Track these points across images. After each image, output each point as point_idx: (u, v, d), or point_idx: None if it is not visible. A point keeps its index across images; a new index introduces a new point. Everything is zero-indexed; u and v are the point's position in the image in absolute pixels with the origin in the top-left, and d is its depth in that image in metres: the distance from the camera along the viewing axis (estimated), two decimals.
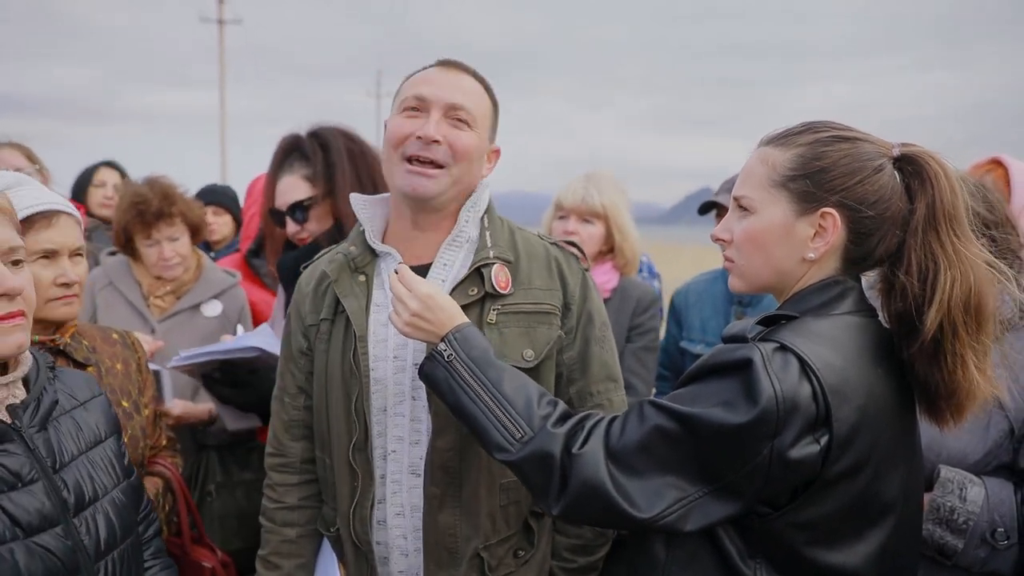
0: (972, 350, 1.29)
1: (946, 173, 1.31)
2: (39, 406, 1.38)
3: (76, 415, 1.47)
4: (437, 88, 1.62)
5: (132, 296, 2.59)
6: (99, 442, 1.49)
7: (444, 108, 1.61)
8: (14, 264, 1.33)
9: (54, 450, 1.37)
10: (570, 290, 1.69)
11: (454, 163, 1.61)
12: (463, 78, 1.66)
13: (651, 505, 1.27)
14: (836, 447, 1.23)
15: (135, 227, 2.55)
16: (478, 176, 1.69)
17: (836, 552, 1.29)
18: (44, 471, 1.33)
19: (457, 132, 1.61)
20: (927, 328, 1.27)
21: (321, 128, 2.38)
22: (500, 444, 1.38)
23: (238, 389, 2.27)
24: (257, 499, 2.54)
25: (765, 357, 1.23)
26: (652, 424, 1.29)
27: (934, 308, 1.27)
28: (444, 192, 1.62)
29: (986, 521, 1.62)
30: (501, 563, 1.66)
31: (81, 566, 1.34)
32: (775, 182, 1.35)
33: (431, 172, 1.60)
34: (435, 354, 1.47)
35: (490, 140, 1.71)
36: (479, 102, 1.66)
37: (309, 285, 1.78)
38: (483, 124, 1.66)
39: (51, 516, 1.32)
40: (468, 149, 1.62)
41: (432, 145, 1.59)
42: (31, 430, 1.34)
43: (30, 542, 1.27)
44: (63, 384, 1.49)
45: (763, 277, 1.39)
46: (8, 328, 1.29)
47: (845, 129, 1.36)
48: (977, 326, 1.29)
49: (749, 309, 2.58)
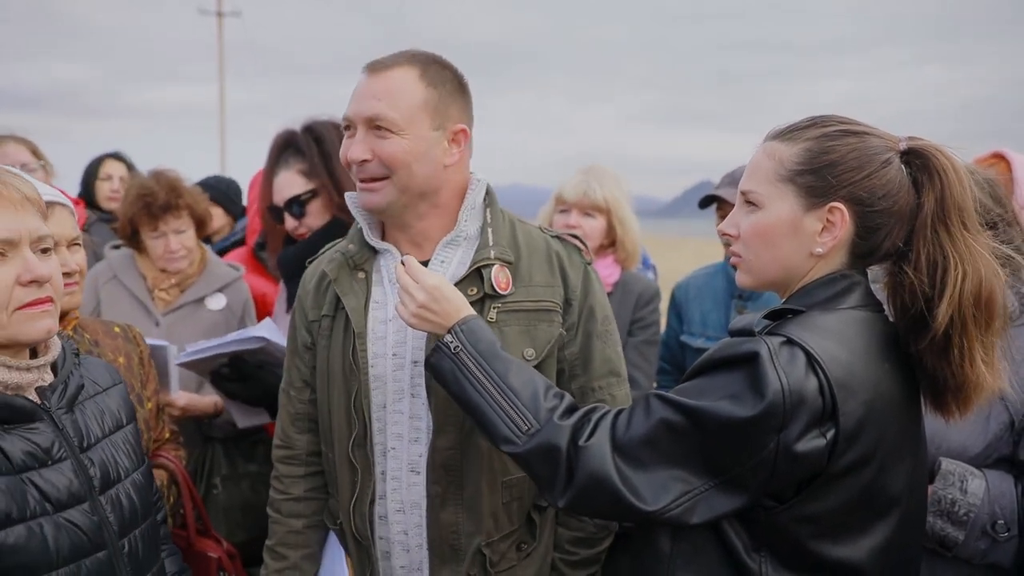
0: (980, 344, 1.29)
1: (954, 166, 1.31)
2: (66, 389, 1.42)
3: (99, 400, 1.51)
4: (357, 103, 1.62)
5: (137, 289, 2.60)
6: (120, 427, 1.53)
7: (364, 123, 1.60)
8: (43, 252, 1.37)
9: (81, 431, 1.42)
10: (571, 285, 1.68)
11: (393, 172, 1.60)
12: (385, 78, 1.60)
13: (657, 498, 1.27)
14: (842, 441, 1.24)
15: (141, 219, 2.56)
16: (438, 168, 1.63)
17: (841, 546, 1.30)
18: (72, 450, 1.38)
19: (382, 143, 1.59)
20: (938, 323, 1.27)
21: (315, 122, 2.39)
22: (506, 436, 1.38)
23: (246, 384, 2.28)
24: (262, 491, 2.55)
25: (772, 351, 1.24)
26: (658, 417, 1.30)
27: (944, 303, 1.27)
28: (395, 201, 1.62)
29: (987, 513, 1.63)
30: (504, 557, 1.67)
31: (107, 541, 1.38)
32: (782, 176, 1.34)
33: (374, 187, 1.61)
34: (441, 346, 1.47)
35: (438, 127, 1.62)
36: (404, 99, 1.59)
37: (312, 281, 1.79)
38: (415, 119, 1.59)
39: (78, 493, 1.36)
40: (395, 157, 1.58)
41: (363, 165, 1.61)
42: (59, 411, 1.38)
43: (59, 517, 1.32)
44: (86, 371, 1.53)
45: (770, 272, 1.39)
46: (38, 314, 1.33)
47: (852, 123, 1.36)
48: (987, 320, 1.29)
49: (750, 303, 2.58)
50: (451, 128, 1.63)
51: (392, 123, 1.58)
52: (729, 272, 2.67)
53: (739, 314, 2.58)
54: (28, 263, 1.31)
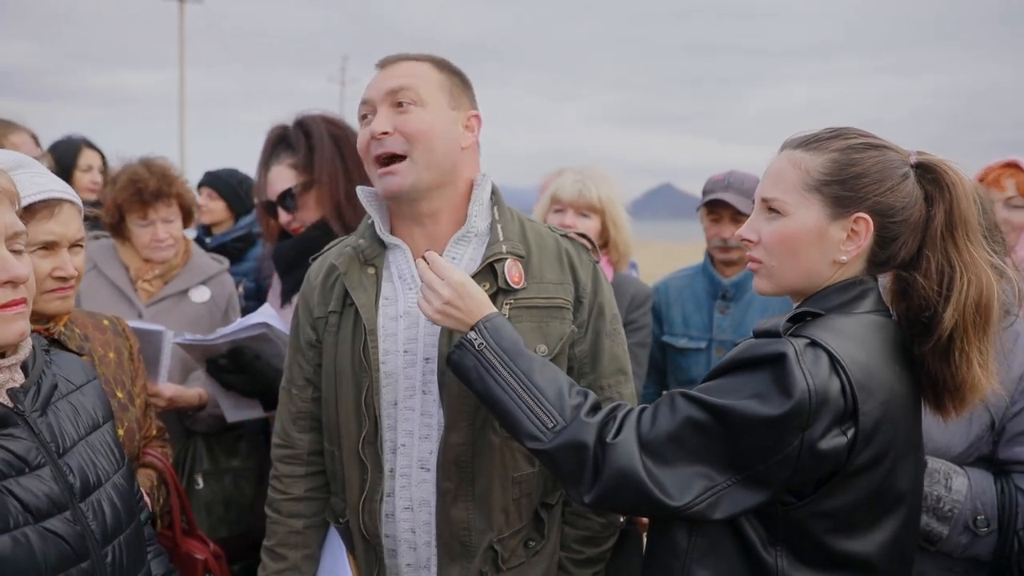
0: (977, 348, 1.36)
1: (961, 180, 1.38)
2: (39, 390, 1.35)
3: (72, 399, 1.44)
4: (376, 86, 1.63)
5: (119, 280, 2.52)
6: (97, 427, 1.46)
7: (386, 99, 1.61)
8: (15, 252, 1.30)
9: (56, 434, 1.34)
10: (581, 283, 1.69)
11: (414, 148, 1.59)
12: (401, 65, 1.65)
13: (683, 494, 1.30)
14: (861, 440, 1.29)
15: (131, 206, 2.48)
16: (457, 148, 1.64)
17: (854, 540, 1.35)
18: (50, 455, 1.31)
19: (405, 116, 1.59)
20: (944, 327, 1.34)
21: (305, 116, 2.40)
22: (532, 433, 1.39)
23: (243, 375, 2.23)
24: (244, 487, 2.52)
25: (798, 352, 1.28)
26: (684, 415, 1.33)
27: (951, 309, 1.34)
28: (418, 180, 1.60)
29: (969, 509, 1.71)
30: (513, 554, 1.68)
31: (90, 551, 1.32)
32: (809, 186, 1.38)
33: (396, 168, 1.60)
34: (465, 343, 1.47)
35: (456, 108, 1.65)
36: (424, 77, 1.62)
37: (318, 277, 1.75)
38: (435, 96, 1.62)
39: (59, 501, 1.29)
40: (420, 128, 1.58)
41: (384, 138, 1.59)
42: (34, 414, 1.31)
43: (41, 527, 1.25)
44: (58, 368, 1.45)
45: (791, 278, 1.43)
46: (11, 316, 1.26)
47: (872, 137, 1.41)
48: (984, 326, 1.36)
49: (732, 304, 2.65)
50: (466, 112, 1.67)
51: (415, 95, 1.60)
52: (710, 274, 2.73)
53: (721, 314, 2.65)
54: (5, 263, 1.25)
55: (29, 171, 1.65)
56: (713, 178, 2.65)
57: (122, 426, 1.79)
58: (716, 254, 2.71)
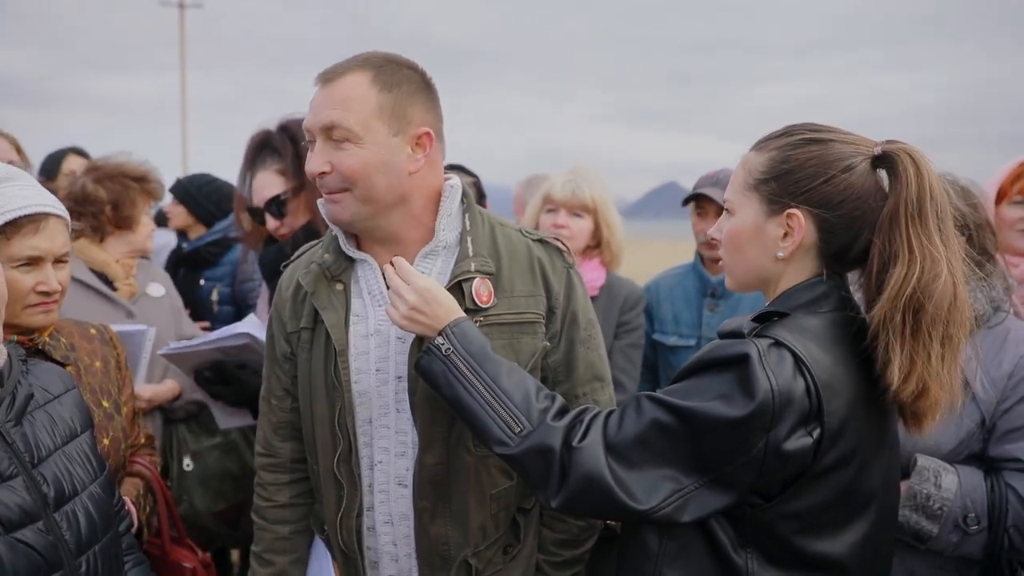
0: (911, 350, 1.27)
1: (917, 168, 1.30)
2: (14, 400, 1.36)
3: (50, 409, 1.45)
4: (313, 114, 1.56)
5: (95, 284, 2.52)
6: (74, 436, 1.47)
7: (321, 134, 1.55)
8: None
9: (31, 444, 1.35)
10: (553, 293, 1.65)
11: (354, 186, 1.54)
12: (337, 86, 1.54)
13: (649, 497, 1.29)
14: (827, 440, 1.27)
15: (140, 197, 2.56)
16: (402, 177, 1.56)
17: (823, 541, 1.33)
18: (23, 466, 1.32)
19: (340, 155, 1.53)
20: (873, 323, 1.30)
21: (290, 121, 2.38)
22: (499, 438, 1.39)
23: (230, 387, 2.25)
24: (233, 459, 2.62)
25: (761, 352, 1.26)
26: (650, 418, 1.32)
27: (879, 304, 1.29)
28: (358, 213, 1.57)
29: (959, 507, 1.69)
30: (490, 563, 1.67)
31: (63, 561, 1.32)
32: (749, 185, 1.40)
33: (338, 198, 1.57)
34: (432, 348, 1.46)
35: (399, 132, 1.55)
36: (359, 103, 1.52)
37: (288, 290, 1.73)
38: (371, 126, 1.52)
39: (32, 511, 1.30)
40: (355, 168, 1.53)
41: (324, 178, 1.56)
42: (7, 424, 1.33)
43: (11, 538, 1.26)
44: (36, 378, 1.47)
45: (742, 275, 1.45)
46: None
47: (822, 131, 1.37)
48: (915, 327, 1.27)
49: (721, 301, 2.63)
50: (413, 132, 1.56)
51: (347, 132, 1.52)
52: (700, 272, 2.71)
53: (710, 312, 2.63)
54: None
55: (16, 184, 1.66)
56: (705, 175, 2.63)
57: (107, 436, 1.81)
58: (703, 250, 2.70)
